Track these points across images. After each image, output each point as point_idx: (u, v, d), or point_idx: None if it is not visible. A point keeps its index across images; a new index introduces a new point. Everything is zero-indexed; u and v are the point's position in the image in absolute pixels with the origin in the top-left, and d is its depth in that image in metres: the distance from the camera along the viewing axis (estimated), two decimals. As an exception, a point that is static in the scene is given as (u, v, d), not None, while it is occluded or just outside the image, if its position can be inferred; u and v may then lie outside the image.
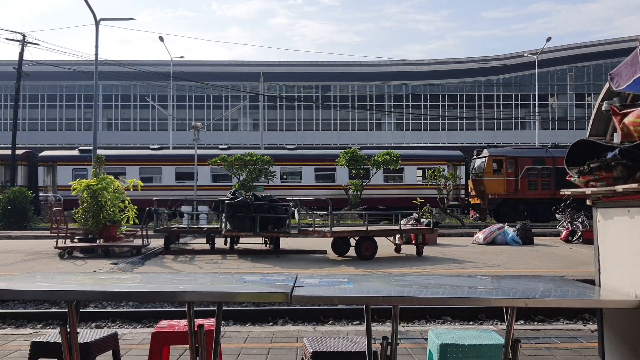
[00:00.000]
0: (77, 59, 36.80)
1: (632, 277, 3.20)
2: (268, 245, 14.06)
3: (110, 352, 3.72)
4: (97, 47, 25.67)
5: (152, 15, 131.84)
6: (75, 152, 28.19)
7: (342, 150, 25.53)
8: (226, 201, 12.69)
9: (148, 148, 29.93)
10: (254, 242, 14.11)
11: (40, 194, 26.00)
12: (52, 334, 3.64)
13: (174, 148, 37.17)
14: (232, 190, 14.10)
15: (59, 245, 12.67)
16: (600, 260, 3.64)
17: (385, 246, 13.42)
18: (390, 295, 3.23)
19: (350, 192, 24.78)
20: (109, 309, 7.82)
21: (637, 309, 2.98)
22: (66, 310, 3.14)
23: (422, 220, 15.91)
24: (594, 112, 4.11)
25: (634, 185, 3.09)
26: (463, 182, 28.39)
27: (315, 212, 14.03)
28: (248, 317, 7.39)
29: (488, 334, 3.52)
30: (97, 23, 25.52)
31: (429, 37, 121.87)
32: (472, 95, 55.40)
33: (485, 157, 26.84)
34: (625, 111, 3.52)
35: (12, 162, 26.27)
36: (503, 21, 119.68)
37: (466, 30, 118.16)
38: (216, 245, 14.19)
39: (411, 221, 16.15)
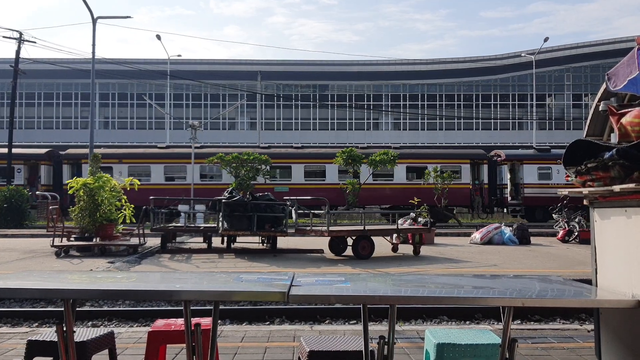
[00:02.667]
0: (74, 57, 36.74)
1: (628, 277, 3.20)
2: (265, 245, 14.05)
3: (107, 351, 3.72)
4: (94, 45, 25.62)
5: (149, 13, 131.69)
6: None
7: (340, 150, 25.51)
8: (223, 200, 12.68)
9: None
10: (251, 241, 14.11)
11: (37, 192, 25.98)
12: (48, 333, 3.63)
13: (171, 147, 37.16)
14: (229, 189, 14.08)
15: (55, 243, 12.64)
16: (597, 260, 3.65)
17: (382, 246, 13.43)
18: (387, 295, 3.23)
19: (347, 190, 24.78)
20: (106, 308, 7.80)
21: (634, 308, 2.98)
22: (62, 309, 3.13)
23: (419, 219, 15.91)
24: (591, 112, 4.11)
25: (631, 185, 3.09)
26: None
27: (312, 211, 14.02)
28: (245, 316, 7.39)
29: (485, 334, 3.52)
30: (94, 21, 25.47)
31: (427, 36, 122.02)
32: (470, 95, 55.47)
33: None
34: (622, 111, 3.53)
35: (8, 160, 26.17)
36: (502, 21, 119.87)
37: (464, 30, 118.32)
38: (213, 245, 14.18)
39: (408, 221, 16.16)
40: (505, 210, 29.43)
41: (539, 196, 26.93)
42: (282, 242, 14.65)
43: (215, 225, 13.67)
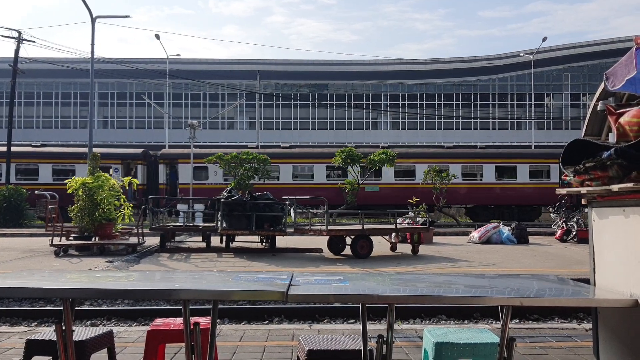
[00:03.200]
0: (73, 57, 36.65)
1: (626, 276, 3.21)
2: (264, 244, 14.04)
3: (106, 350, 3.72)
4: (93, 44, 25.58)
5: (148, 12, 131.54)
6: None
7: (338, 150, 25.51)
8: (222, 199, 12.68)
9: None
10: (249, 240, 14.10)
11: (36, 191, 25.95)
12: (47, 332, 3.63)
13: (169, 147, 37.14)
14: (228, 188, 14.08)
15: (54, 243, 12.64)
16: (595, 259, 3.66)
17: (381, 245, 13.44)
18: (386, 294, 3.24)
19: (346, 190, 24.79)
20: (105, 307, 7.81)
21: (632, 307, 2.99)
22: (61, 308, 3.13)
23: (418, 219, 15.93)
24: (589, 111, 4.12)
25: (629, 185, 3.10)
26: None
27: (311, 210, 14.03)
28: (244, 315, 7.39)
29: (483, 333, 3.53)
30: (93, 20, 25.43)
31: (426, 36, 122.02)
32: (468, 94, 55.49)
33: None
34: (620, 111, 3.53)
35: (7, 159, 26.12)
36: (500, 20, 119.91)
37: (463, 30, 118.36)
38: (212, 244, 14.18)
39: (407, 220, 16.17)
40: None
41: None
42: (281, 241, 14.65)
43: (214, 224, 13.66)
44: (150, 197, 14.38)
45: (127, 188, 14.91)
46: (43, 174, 27.38)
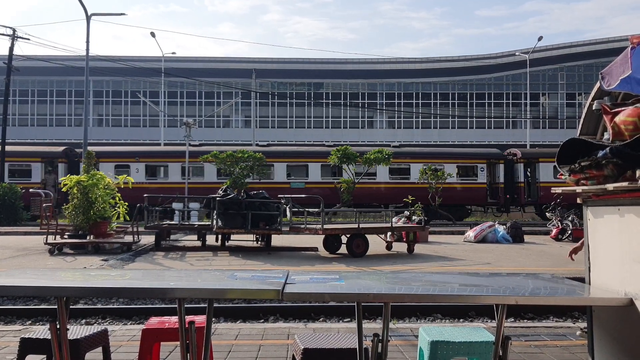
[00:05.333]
0: (67, 54, 36.60)
1: (621, 275, 3.22)
2: (259, 242, 14.03)
3: (100, 348, 3.70)
4: (88, 42, 25.53)
5: (143, 10, 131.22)
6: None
7: (334, 148, 25.51)
8: (217, 198, 12.66)
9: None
10: (245, 239, 14.09)
11: (31, 190, 25.87)
12: (41, 331, 3.62)
13: (165, 145, 37.06)
14: (224, 187, 14.06)
15: (48, 241, 12.59)
16: (590, 258, 3.66)
17: (376, 244, 13.44)
18: (382, 292, 3.24)
19: (342, 189, 24.80)
20: (99, 306, 7.79)
21: (627, 306, 3.00)
22: (56, 306, 3.12)
23: (414, 217, 15.93)
24: (584, 111, 4.12)
25: (624, 184, 3.10)
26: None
27: (307, 209, 14.01)
28: (239, 314, 7.38)
29: (478, 331, 3.53)
30: (88, 18, 25.36)
31: (422, 35, 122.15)
32: (464, 93, 55.59)
33: None
34: (615, 110, 3.54)
35: (1, 158, 26.02)
36: (496, 20, 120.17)
37: (459, 29, 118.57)
38: (207, 242, 14.16)
39: (402, 219, 16.17)
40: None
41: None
42: (277, 239, 14.64)
43: (210, 223, 13.64)
44: (145, 195, 14.32)
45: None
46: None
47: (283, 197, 13.36)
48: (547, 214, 18.80)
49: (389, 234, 13.79)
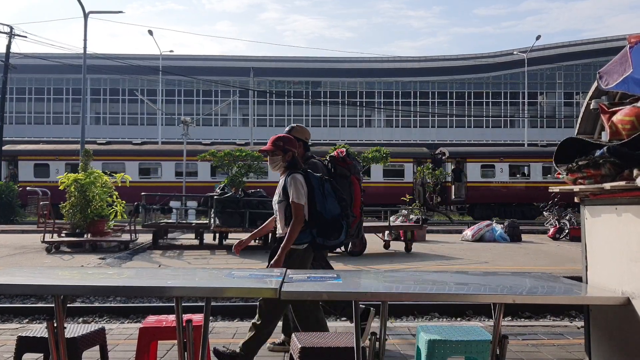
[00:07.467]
0: (65, 52, 36.43)
1: (619, 274, 3.22)
2: (257, 241, 14.01)
3: (98, 347, 3.70)
4: (85, 40, 25.45)
5: (140, 8, 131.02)
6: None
7: (331, 147, 25.47)
8: (215, 196, 12.66)
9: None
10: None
11: (28, 188, 25.79)
12: (38, 329, 3.61)
13: (162, 143, 37.01)
14: (221, 185, 14.06)
15: (46, 239, 12.57)
16: (588, 257, 3.67)
17: (374, 242, 13.45)
18: (379, 291, 3.24)
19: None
20: (97, 304, 7.77)
21: (624, 306, 3.00)
22: (53, 305, 3.11)
23: (411, 216, 15.95)
24: (582, 110, 4.12)
25: (622, 183, 3.11)
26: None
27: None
28: (236, 312, 7.37)
29: (476, 330, 3.54)
30: (85, 16, 25.30)
31: (420, 33, 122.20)
32: (462, 92, 55.63)
33: None
34: (613, 109, 3.54)
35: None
36: (495, 18, 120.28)
37: (458, 27, 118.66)
38: (205, 241, 14.15)
39: (400, 218, 16.18)
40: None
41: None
42: (274, 238, 14.61)
43: (207, 221, 13.63)
44: (143, 193, 14.32)
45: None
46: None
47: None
48: (545, 213, 18.83)
49: (386, 232, 13.80)
